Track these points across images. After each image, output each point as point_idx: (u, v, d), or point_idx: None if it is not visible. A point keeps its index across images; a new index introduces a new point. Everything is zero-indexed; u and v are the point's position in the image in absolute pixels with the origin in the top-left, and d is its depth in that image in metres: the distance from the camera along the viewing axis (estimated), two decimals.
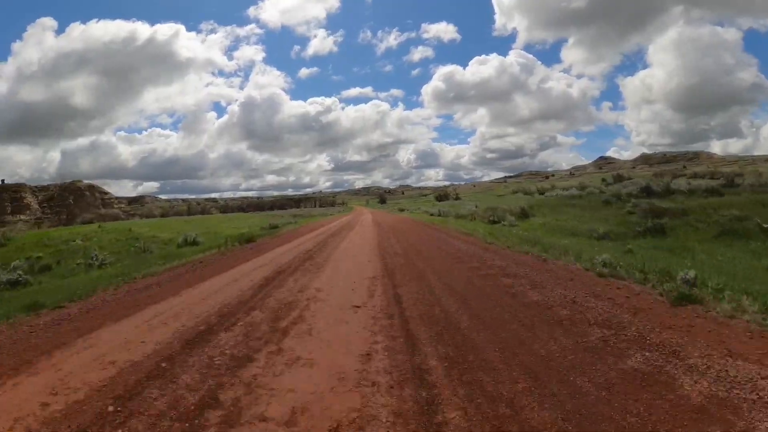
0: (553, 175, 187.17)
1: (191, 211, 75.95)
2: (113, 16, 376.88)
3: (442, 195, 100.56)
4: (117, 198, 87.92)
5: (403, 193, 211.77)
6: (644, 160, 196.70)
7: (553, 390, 2.84)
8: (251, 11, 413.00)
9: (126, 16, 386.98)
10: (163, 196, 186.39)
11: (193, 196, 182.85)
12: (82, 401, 2.82)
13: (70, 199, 66.09)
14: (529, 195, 74.01)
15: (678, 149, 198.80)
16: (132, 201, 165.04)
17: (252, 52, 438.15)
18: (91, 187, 74.30)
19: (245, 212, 75.69)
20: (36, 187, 69.01)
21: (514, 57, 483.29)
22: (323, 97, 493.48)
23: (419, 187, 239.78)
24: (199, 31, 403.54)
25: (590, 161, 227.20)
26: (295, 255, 10.13)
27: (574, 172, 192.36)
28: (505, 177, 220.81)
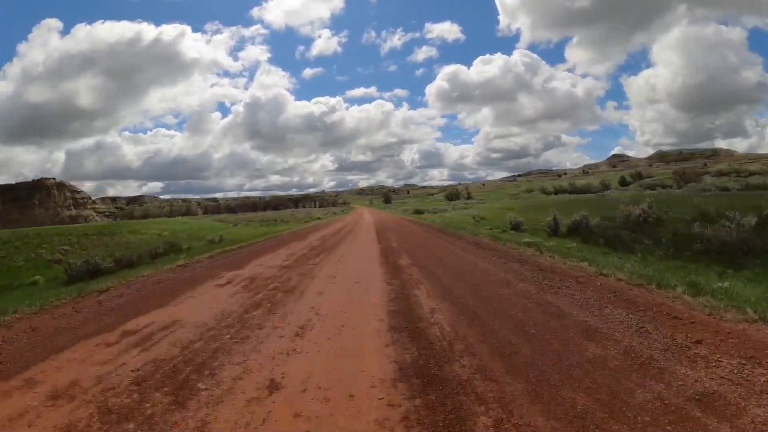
0: (565, 174, 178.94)
1: (173, 212, 69.95)
2: (119, 17, 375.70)
3: (452, 194, 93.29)
4: (92, 198, 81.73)
5: (408, 192, 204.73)
6: (659, 157, 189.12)
7: None
8: (256, 12, 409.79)
9: (131, 17, 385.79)
10: (166, 197, 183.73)
11: (197, 197, 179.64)
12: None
13: (35, 199, 60.09)
14: (548, 194, 66.76)
15: (682, 148, 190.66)
16: (131, 201, 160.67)
17: (257, 52, 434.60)
18: (61, 186, 68.23)
19: (234, 213, 69.73)
20: (3, 186, 63.15)
21: (519, 56, 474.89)
22: (327, 97, 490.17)
23: (425, 186, 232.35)
24: (204, 32, 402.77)
25: (599, 160, 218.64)
26: None
27: (587, 170, 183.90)
28: (514, 176, 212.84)
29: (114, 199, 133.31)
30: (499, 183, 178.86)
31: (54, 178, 67.81)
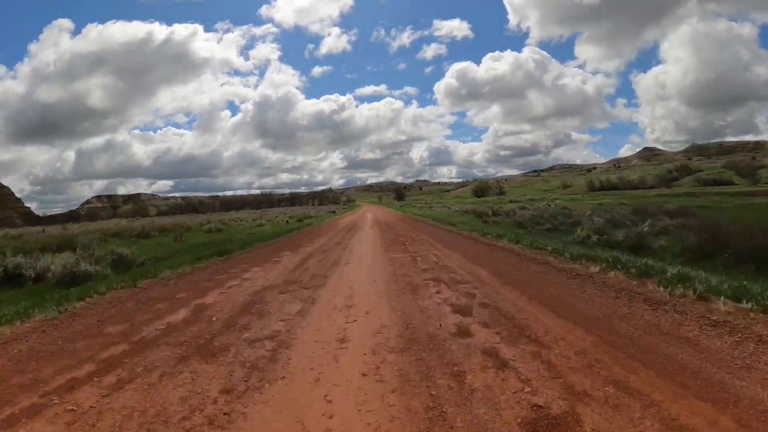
0: (594, 168, 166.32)
1: (117, 213, 61.31)
2: (130, 18, 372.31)
3: (482, 188, 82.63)
4: (17, 197, 69.48)
5: (420, 189, 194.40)
6: (697, 151, 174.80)
7: None
8: (266, 11, 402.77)
9: (143, 17, 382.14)
10: (175, 195, 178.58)
11: (205, 194, 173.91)
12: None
13: None
14: (602, 192, 55.97)
15: (689, 146, 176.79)
16: (126, 200, 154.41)
17: (267, 51, 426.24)
18: None
19: (202, 213, 60.98)
20: None
21: (529, 53, 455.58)
22: (337, 95, 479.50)
23: (438, 183, 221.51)
24: (215, 31, 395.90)
25: (606, 159, 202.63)
26: None
27: (618, 163, 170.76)
28: (538, 171, 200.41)
29: (110, 197, 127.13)
30: (521, 178, 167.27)
31: None
